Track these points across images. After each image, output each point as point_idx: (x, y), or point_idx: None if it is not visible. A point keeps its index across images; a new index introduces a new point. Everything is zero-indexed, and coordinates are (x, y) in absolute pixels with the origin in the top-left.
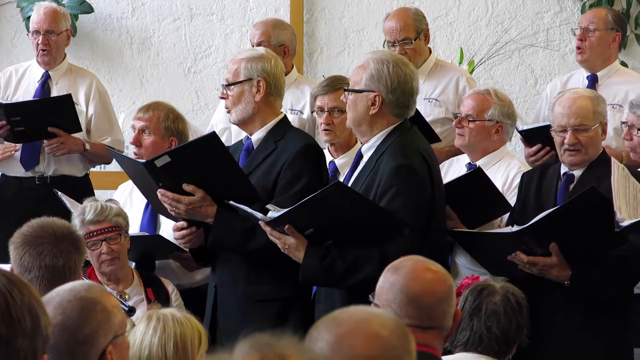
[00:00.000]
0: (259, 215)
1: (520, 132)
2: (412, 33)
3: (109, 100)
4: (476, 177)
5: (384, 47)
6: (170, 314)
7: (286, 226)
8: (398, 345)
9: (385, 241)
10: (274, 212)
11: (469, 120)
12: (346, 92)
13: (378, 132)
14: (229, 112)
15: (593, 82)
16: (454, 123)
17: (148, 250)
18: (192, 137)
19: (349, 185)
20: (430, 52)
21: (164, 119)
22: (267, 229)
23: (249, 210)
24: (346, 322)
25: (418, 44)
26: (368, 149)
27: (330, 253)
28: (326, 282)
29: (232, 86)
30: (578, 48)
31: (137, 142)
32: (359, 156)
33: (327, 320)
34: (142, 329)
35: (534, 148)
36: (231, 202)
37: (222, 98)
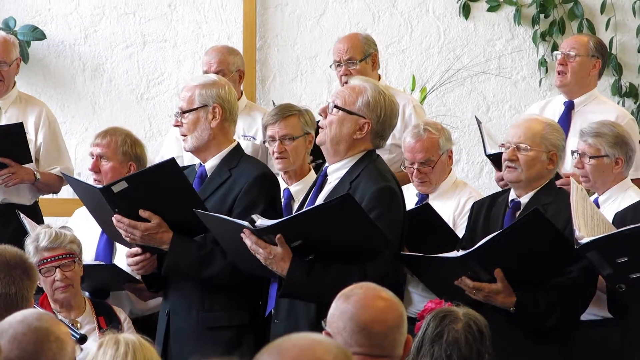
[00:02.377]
0: (243, 222)
1: (488, 155)
2: (359, 54)
3: (59, 128)
4: (425, 212)
5: (330, 68)
6: (137, 340)
7: (277, 236)
8: None
9: (366, 260)
10: (264, 221)
11: (432, 167)
12: (336, 108)
13: (350, 156)
14: (184, 139)
15: (569, 108)
16: (414, 175)
17: (102, 282)
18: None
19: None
20: (379, 78)
21: (121, 144)
22: (252, 238)
23: (229, 218)
24: (290, 350)
25: (364, 67)
26: (336, 170)
27: (314, 267)
28: (307, 295)
29: (187, 114)
30: (559, 72)
31: (96, 169)
32: (324, 176)
33: (271, 349)
34: (111, 353)
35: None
36: (199, 211)
37: (177, 126)
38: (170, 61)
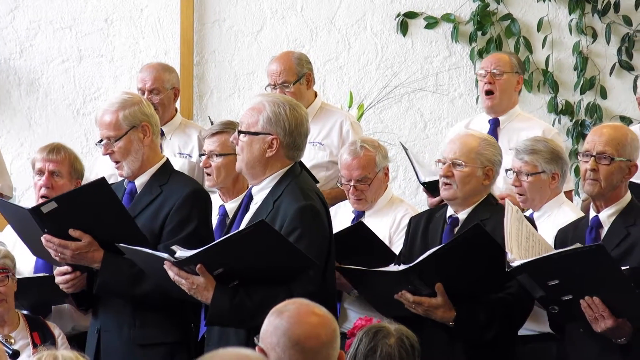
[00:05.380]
0: (164, 255)
1: (422, 184)
2: (292, 77)
3: None
4: (359, 231)
5: (265, 90)
6: (74, 357)
7: (197, 266)
8: None
9: (291, 281)
10: (183, 252)
11: (368, 184)
12: (240, 135)
13: (270, 175)
14: (118, 166)
15: (495, 126)
16: (350, 192)
17: (44, 295)
18: None
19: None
20: (316, 95)
21: (73, 161)
22: (174, 269)
23: (149, 251)
24: None
25: (298, 88)
26: (259, 190)
27: (238, 293)
28: (234, 322)
29: (118, 141)
30: (489, 92)
31: (49, 184)
32: (249, 197)
33: None
34: None
35: (437, 199)
36: (122, 245)
37: (107, 154)
38: (107, 76)
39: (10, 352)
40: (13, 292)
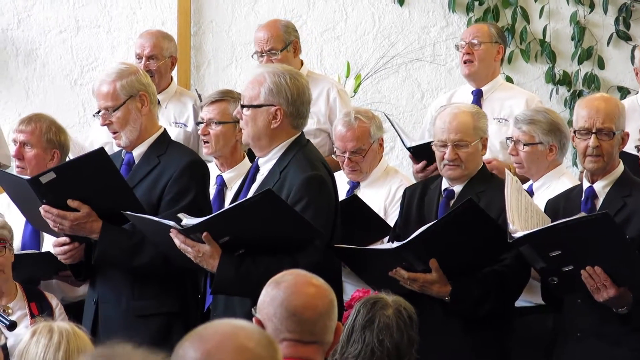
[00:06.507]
0: (170, 223)
1: (408, 149)
2: (280, 44)
3: None
4: (354, 203)
5: (252, 58)
6: (71, 329)
7: (204, 234)
8: (265, 356)
9: (297, 251)
10: (190, 220)
11: (363, 155)
12: (243, 109)
13: (277, 145)
14: (116, 136)
15: (478, 96)
16: (344, 163)
17: (33, 271)
18: (72, 151)
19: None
20: (302, 64)
21: (46, 131)
22: (180, 237)
23: (155, 219)
24: (212, 337)
25: (285, 56)
26: (267, 161)
27: (244, 262)
28: (239, 290)
29: (116, 111)
30: (466, 61)
31: (19, 156)
32: (256, 168)
33: (192, 337)
34: (45, 342)
35: (420, 165)
36: (128, 212)
37: (105, 125)
38: (104, 47)
39: (8, 323)
40: (10, 263)
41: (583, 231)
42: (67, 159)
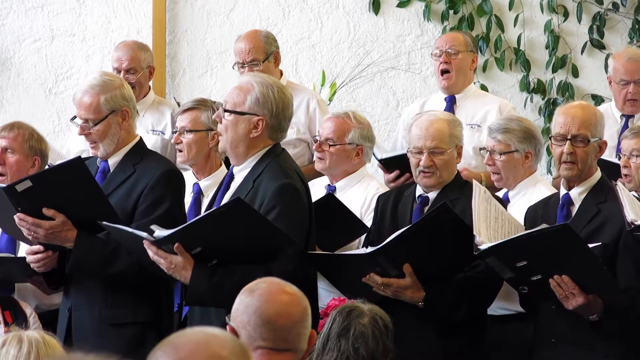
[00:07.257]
0: (143, 234)
1: (380, 160)
2: (261, 55)
3: None
4: (329, 203)
5: (233, 69)
6: (41, 338)
7: (175, 245)
8: None
9: (271, 260)
10: (161, 231)
11: (330, 144)
12: (225, 113)
13: (253, 154)
14: (93, 146)
15: (451, 103)
16: (314, 147)
17: (7, 274)
18: (51, 158)
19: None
20: (282, 74)
21: (28, 138)
22: (153, 249)
23: (129, 229)
24: (185, 345)
25: (267, 66)
26: (241, 169)
27: (217, 272)
28: (213, 301)
29: (98, 124)
30: (444, 72)
31: (1, 161)
32: (230, 176)
33: (165, 345)
34: (14, 353)
35: (393, 174)
36: (104, 223)
37: (83, 134)
38: (79, 55)
39: None
40: None
41: (545, 242)
42: (47, 167)
